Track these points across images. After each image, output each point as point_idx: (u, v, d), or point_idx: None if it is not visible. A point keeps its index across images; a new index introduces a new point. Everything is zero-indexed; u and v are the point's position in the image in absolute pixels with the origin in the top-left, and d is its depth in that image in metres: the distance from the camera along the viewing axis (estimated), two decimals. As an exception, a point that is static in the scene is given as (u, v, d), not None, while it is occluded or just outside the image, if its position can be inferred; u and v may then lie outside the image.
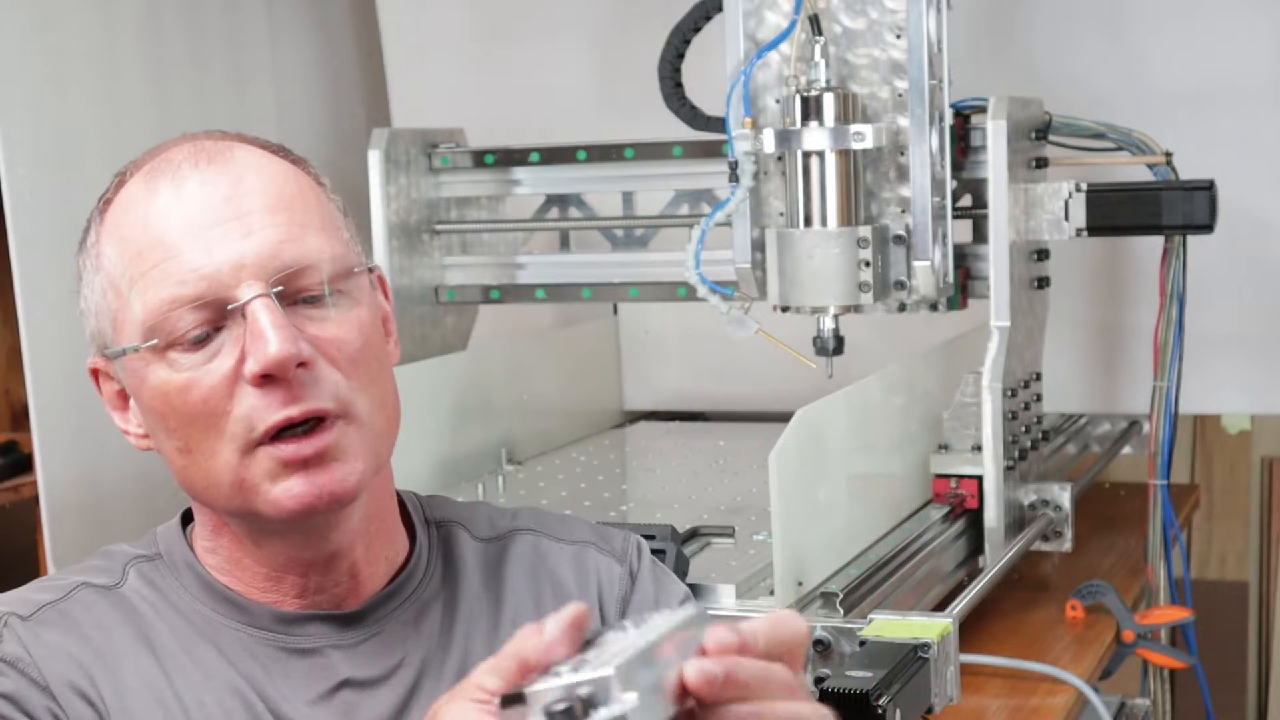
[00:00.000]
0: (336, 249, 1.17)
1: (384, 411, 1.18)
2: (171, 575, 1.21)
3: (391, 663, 1.20)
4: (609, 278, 2.46)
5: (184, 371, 1.12)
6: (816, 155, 1.96)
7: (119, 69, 2.41)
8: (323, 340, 1.13)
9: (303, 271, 1.13)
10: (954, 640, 1.68)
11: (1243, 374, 2.55)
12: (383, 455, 1.18)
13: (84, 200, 2.30)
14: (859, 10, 1.99)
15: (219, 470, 1.13)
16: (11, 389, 3.92)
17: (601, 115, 2.79)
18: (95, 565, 1.23)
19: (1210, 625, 2.77)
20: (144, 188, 1.16)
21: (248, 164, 1.17)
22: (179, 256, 1.12)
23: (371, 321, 1.18)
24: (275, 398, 1.11)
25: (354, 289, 1.17)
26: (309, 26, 2.92)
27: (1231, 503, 3.82)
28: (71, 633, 1.15)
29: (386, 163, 2.42)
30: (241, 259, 1.12)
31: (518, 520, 1.33)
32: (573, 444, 2.64)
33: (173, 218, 1.14)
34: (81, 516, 2.26)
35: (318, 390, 1.12)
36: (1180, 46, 2.50)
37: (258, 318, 1.10)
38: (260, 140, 1.22)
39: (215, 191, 1.14)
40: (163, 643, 1.17)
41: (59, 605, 1.17)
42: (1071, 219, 2.14)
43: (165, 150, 1.19)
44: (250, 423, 1.11)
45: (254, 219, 1.13)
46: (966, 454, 2.10)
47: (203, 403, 1.12)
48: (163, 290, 1.12)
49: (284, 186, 1.17)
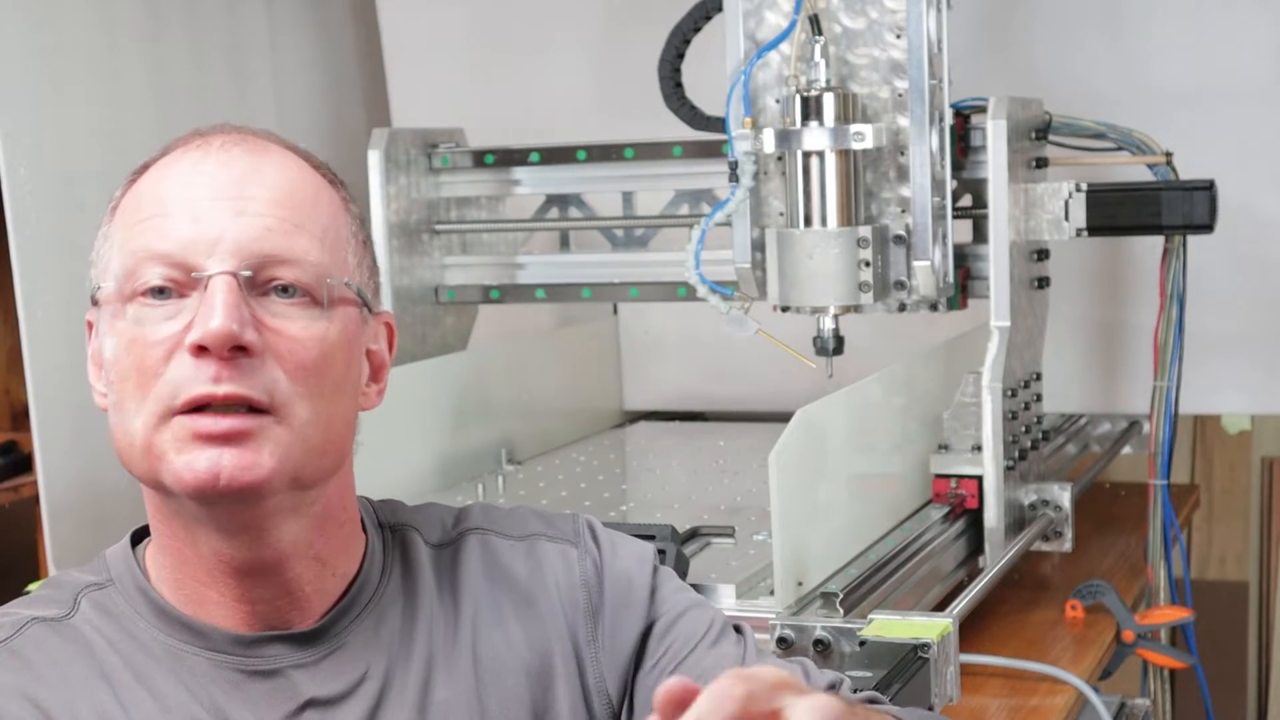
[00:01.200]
0: (324, 260, 1.16)
1: (323, 432, 1.15)
2: (125, 601, 1.19)
3: (354, 677, 1.19)
4: (609, 278, 2.46)
5: (137, 326, 1.12)
6: (816, 155, 1.96)
7: (119, 69, 2.41)
8: (278, 336, 1.12)
9: (279, 264, 1.13)
10: (954, 640, 1.68)
11: (1243, 374, 2.56)
12: (306, 472, 1.14)
13: (84, 200, 2.32)
14: (859, 10, 1.99)
15: (135, 431, 1.12)
16: (11, 389, 3.93)
17: (601, 115, 2.79)
18: (45, 596, 1.20)
19: (1210, 625, 2.77)
20: (174, 159, 1.19)
21: (273, 159, 1.18)
22: (169, 216, 1.14)
23: (339, 343, 1.16)
24: (206, 371, 1.10)
25: (330, 305, 1.16)
26: (309, 26, 2.92)
27: (1231, 503, 3.82)
28: (23, 673, 1.13)
29: (386, 163, 2.42)
30: (222, 234, 1.12)
31: (467, 521, 1.31)
32: (573, 444, 2.64)
33: (180, 184, 1.15)
34: (81, 516, 2.26)
35: (252, 379, 1.10)
36: (1180, 46, 2.50)
37: (214, 292, 1.10)
38: (305, 152, 1.23)
39: (229, 173, 1.15)
40: (118, 675, 1.15)
41: (10, 644, 1.15)
42: (1071, 219, 2.14)
43: (212, 132, 1.20)
44: (174, 389, 1.10)
45: (252, 205, 1.14)
46: (966, 454, 2.10)
47: (140, 358, 1.12)
48: (142, 241, 1.14)
49: (298, 188, 1.17)
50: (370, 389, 1.24)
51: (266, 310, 1.13)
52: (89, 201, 2.32)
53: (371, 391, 1.24)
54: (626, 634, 1.27)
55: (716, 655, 1.24)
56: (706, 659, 1.24)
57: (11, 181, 2.19)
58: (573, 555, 1.29)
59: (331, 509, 1.20)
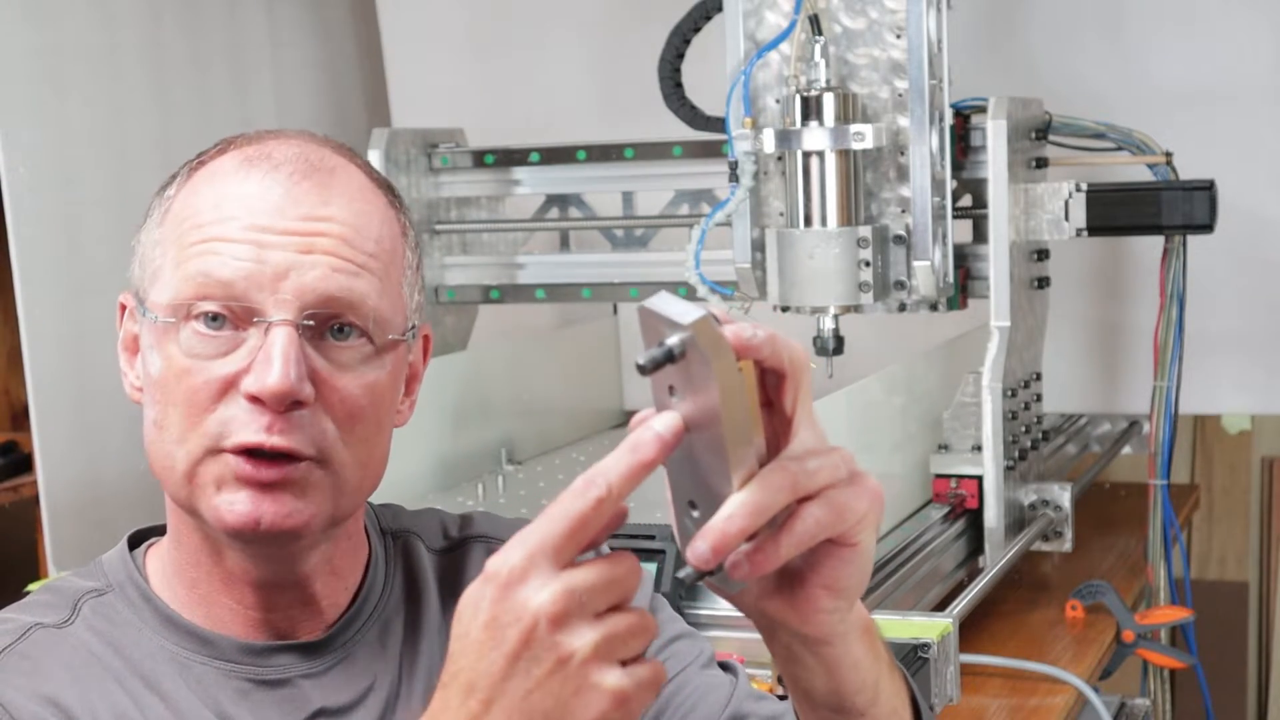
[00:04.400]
0: (384, 307, 1.14)
1: (363, 471, 1.15)
2: (127, 609, 1.18)
3: (362, 687, 1.18)
4: (609, 278, 2.46)
5: (191, 358, 1.11)
6: (816, 155, 1.96)
7: (119, 69, 2.41)
8: (330, 388, 1.11)
9: (341, 308, 1.12)
10: (954, 640, 1.68)
11: (1243, 374, 2.56)
12: (344, 510, 1.15)
13: (84, 200, 2.32)
14: (859, 10, 1.99)
15: (179, 458, 1.11)
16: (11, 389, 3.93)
17: (601, 115, 2.79)
18: (43, 602, 1.18)
19: (1210, 625, 2.77)
20: (236, 167, 1.15)
21: (343, 187, 1.15)
22: (233, 244, 1.11)
23: (388, 387, 1.16)
24: (258, 420, 1.09)
25: (385, 351, 1.15)
26: (309, 26, 2.92)
27: (1231, 503, 3.82)
28: (35, 675, 1.12)
29: (386, 163, 2.42)
30: (287, 272, 1.10)
31: (470, 528, 1.31)
32: (573, 444, 2.64)
33: (246, 208, 1.12)
34: (81, 516, 2.26)
35: (302, 432, 1.10)
36: (1180, 46, 2.50)
37: (274, 343, 1.09)
38: (367, 168, 1.20)
39: (297, 203, 1.12)
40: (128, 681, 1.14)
41: (17, 648, 1.13)
42: (1071, 219, 2.14)
43: (275, 140, 1.17)
44: (224, 429, 1.10)
45: (319, 242, 1.12)
46: (966, 454, 2.10)
47: (193, 393, 1.10)
48: (201, 264, 1.11)
49: (364, 223, 1.15)
50: (403, 405, 1.22)
51: (322, 355, 1.12)
52: (89, 201, 2.32)
53: (404, 407, 1.23)
54: None
55: (707, 678, 1.24)
56: (697, 679, 1.24)
57: (11, 181, 2.19)
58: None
59: (353, 524, 1.20)
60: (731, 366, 0.84)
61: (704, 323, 0.83)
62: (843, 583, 0.91)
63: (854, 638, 0.96)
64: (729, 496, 0.85)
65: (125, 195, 2.39)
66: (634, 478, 0.88)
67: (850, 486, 0.89)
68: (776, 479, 0.86)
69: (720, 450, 0.85)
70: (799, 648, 0.96)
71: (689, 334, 0.83)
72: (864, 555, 0.91)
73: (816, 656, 0.96)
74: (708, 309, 0.84)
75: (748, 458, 0.85)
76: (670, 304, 0.85)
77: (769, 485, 0.86)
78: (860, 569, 0.92)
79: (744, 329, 0.86)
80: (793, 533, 0.87)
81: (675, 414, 0.87)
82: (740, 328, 0.86)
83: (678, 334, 0.83)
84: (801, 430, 0.88)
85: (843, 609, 0.93)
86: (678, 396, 0.86)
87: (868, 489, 0.90)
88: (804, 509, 0.87)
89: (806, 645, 0.95)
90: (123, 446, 2.30)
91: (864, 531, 0.90)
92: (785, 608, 0.93)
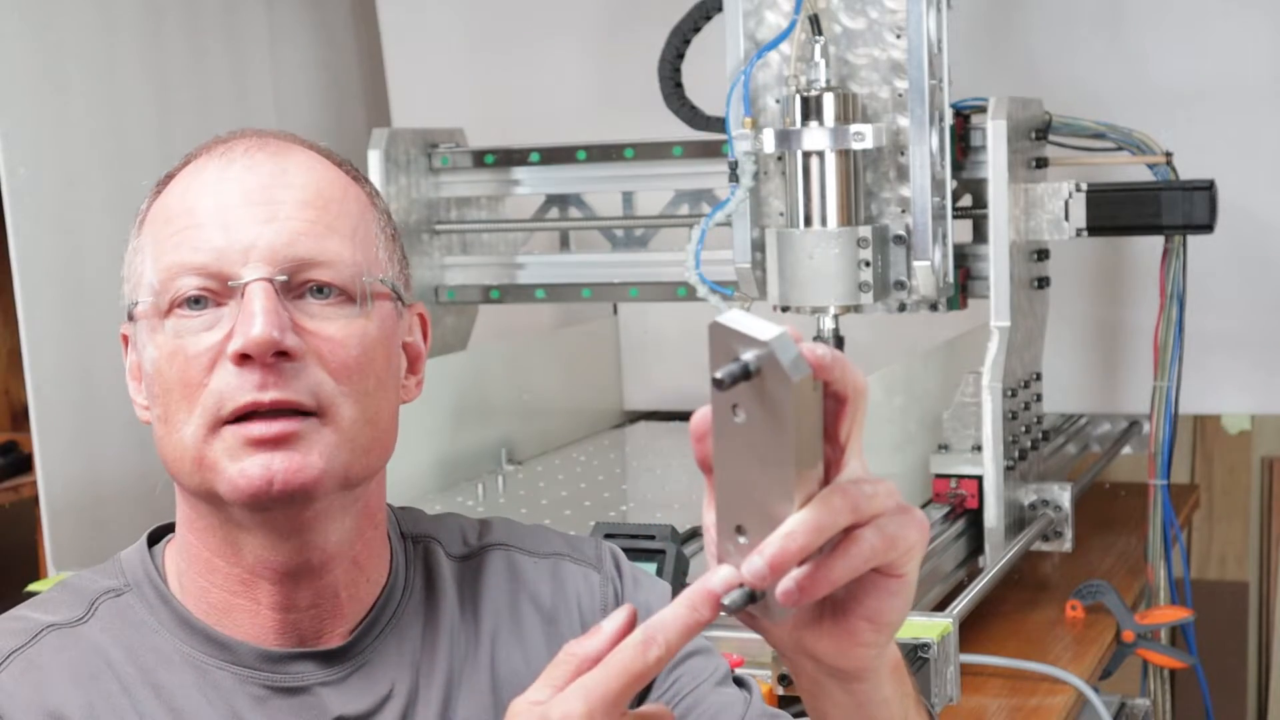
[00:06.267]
0: (358, 258, 1.16)
1: (370, 429, 1.15)
2: (145, 610, 1.18)
3: (381, 694, 1.18)
4: (609, 278, 2.46)
5: (178, 339, 1.12)
6: (816, 155, 1.96)
7: (119, 69, 2.41)
8: (318, 338, 1.12)
9: (314, 267, 1.13)
10: (954, 640, 1.68)
11: (1243, 374, 2.56)
12: (354, 470, 1.14)
13: (84, 200, 2.32)
14: (859, 10, 1.99)
15: (185, 443, 1.12)
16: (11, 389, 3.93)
17: (601, 115, 2.79)
18: (58, 599, 1.19)
19: (1210, 625, 2.77)
20: (198, 167, 1.18)
21: (297, 161, 1.18)
22: (200, 227, 1.13)
23: (379, 339, 1.16)
24: (250, 380, 1.10)
25: (366, 303, 1.16)
26: (309, 26, 2.92)
27: (1231, 503, 3.82)
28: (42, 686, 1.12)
29: (386, 163, 2.42)
30: (255, 241, 1.12)
31: (489, 535, 1.31)
32: (573, 444, 2.64)
33: (208, 193, 1.15)
34: (81, 516, 2.26)
35: (296, 383, 1.10)
36: (1180, 46, 2.50)
37: (251, 299, 1.10)
38: (327, 150, 1.23)
39: (255, 178, 1.15)
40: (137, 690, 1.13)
41: (26, 653, 1.13)
42: (1071, 219, 2.14)
43: (233, 138, 1.20)
44: (220, 399, 1.10)
45: (282, 209, 1.14)
46: (966, 454, 2.10)
47: (183, 370, 1.11)
48: (176, 255, 1.13)
49: (325, 188, 1.17)
50: (409, 381, 1.23)
51: (304, 313, 1.13)
52: (89, 201, 2.32)
53: (410, 384, 1.24)
54: None
55: (720, 697, 1.24)
56: (712, 695, 1.24)
57: (11, 181, 2.19)
58: (595, 579, 1.29)
59: (370, 510, 1.20)
60: (808, 384, 0.83)
61: (785, 339, 0.83)
62: (886, 616, 0.91)
63: (885, 674, 0.96)
64: (789, 516, 0.84)
65: (125, 195, 2.38)
66: (689, 635, 0.89)
67: (901, 515, 0.89)
68: (837, 501, 0.86)
69: (784, 469, 0.84)
70: (829, 682, 0.96)
71: (768, 350, 0.82)
72: (909, 588, 0.91)
73: (847, 692, 0.96)
74: (786, 326, 0.84)
75: (811, 479, 0.85)
76: (746, 320, 0.85)
77: (830, 507, 0.86)
78: (904, 602, 0.91)
79: (817, 348, 0.86)
80: (847, 556, 0.86)
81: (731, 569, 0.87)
82: (814, 347, 0.86)
83: (754, 350, 0.83)
84: (852, 460, 0.89)
85: (881, 643, 0.93)
86: (743, 414, 0.85)
87: (916, 520, 0.90)
88: (859, 534, 0.87)
89: (838, 679, 0.95)
90: (123, 446, 2.30)
91: (911, 562, 0.90)
92: (825, 639, 0.92)
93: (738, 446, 0.86)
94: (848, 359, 0.88)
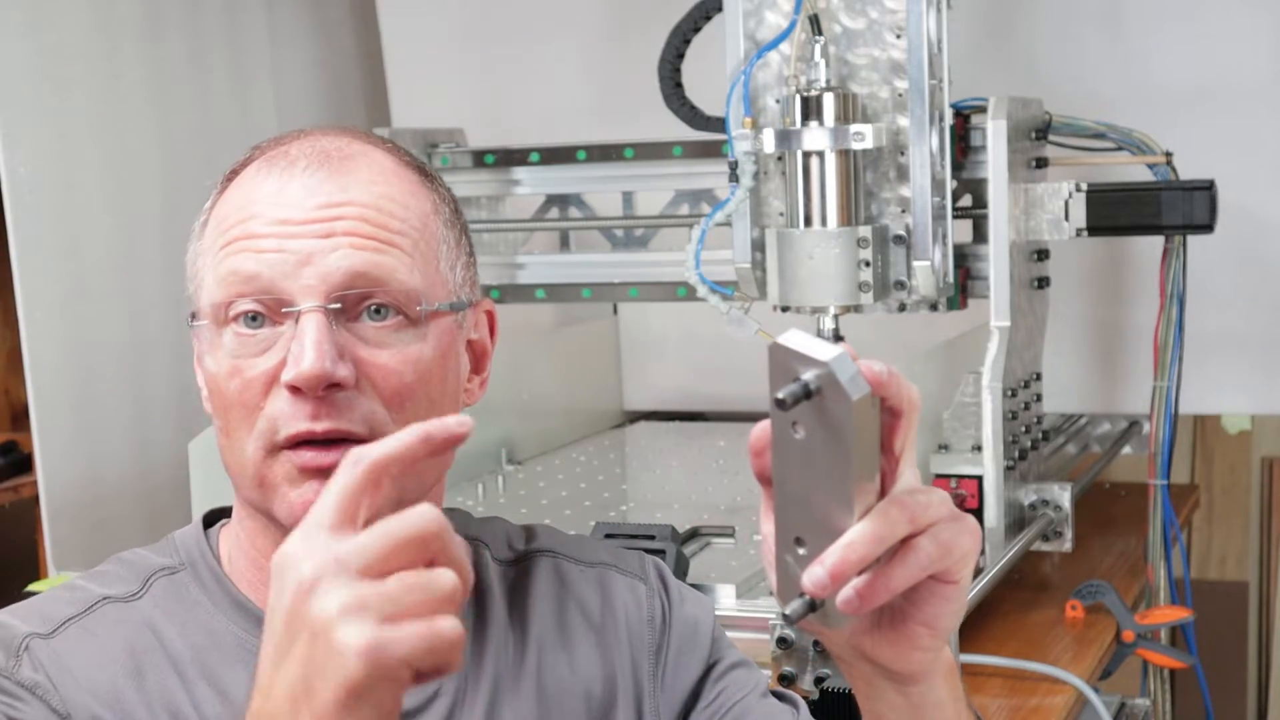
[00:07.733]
0: (417, 280, 1.15)
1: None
2: (198, 589, 1.19)
3: (428, 692, 1.18)
4: (609, 278, 2.46)
5: (235, 359, 1.13)
6: (816, 155, 1.96)
7: (119, 69, 2.41)
8: (370, 366, 1.12)
9: (370, 288, 1.13)
10: (954, 640, 1.68)
11: (1243, 374, 2.56)
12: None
13: (84, 200, 2.32)
14: (859, 10, 1.99)
15: (246, 461, 1.13)
16: (11, 389, 3.93)
17: (601, 115, 2.79)
18: (115, 574, 1.19)
19: (1210, 625, 2.77)
20: (258, 169, 1.17)
21: (360, 173, 1.16)
22: (258, 240, 1.13)
23: (435, 359, 1.16)
24: (303, 409, 1.10)
25: (423, 324, 1.15)
26: (309, 26, 2.92)
27: (1231, 503, 3.82)
28: (95, 654, 1.13)
29: (386, 163, 2.42)
30: (309, 259, 1.12)
31: (536, 541, 1.31)
32: (573, 444, 2.64)
33: (267, 205, 1.14)
34: (81, 516, 2.25)
35: (349, 412, 1.11)
36: (1180, 46, 2.50)
37: (304, 330, 1.10)
38: (392, 147, 1.21)
39: (313, 193, 1.14)
40: (186, 665, 1.14)
41: (82, 621, 1.15)
42: (1071, 219, 2.14)
43: (296, 138, 1.19)
44: (275, 424, 1.11)
45: (339, 225, 1.13)
46: (966, 454, 2.10)
47: (239, 393, 1.12)
48: (231, 265, 1.13)
49: (385, 202, 1.16)
50: (472, 383, 1.23)
51: (359, 337, 1.12)
52: (89, 201, 2.32)
53: (474, 385, 1.23)
54: (687, 676, 1.27)
55: (766, 705, 1.26)
56: (757, 708, 1.25)
57: (11, 181, 2.19)
58: (641, 591, 1.29)
59: None
60: (867, 401, 0.86)
61: (844, 359, 0.85)
62: (941, 620, 0.93)
63: (940, 678, 0.99)
64: (848, 528, 0.87)
65: (125, 195, 2.39)
66: (395, 456, 0.89)
67: (954, 523, 0.91)
68: (895, 512, 0.88)
69: (843, 484, 0.86)
70: (886, 685, 0.98)
71: (828, 370, 0.85)
72: (962, 593, 0.94)
73: (903, 695, 0.98)
74: (843, 345, 0.86)
75: (869, 493, 0.87)
76: (804, 341, 0.87)
77: (888, 518, 0.87)
78: (959, 606, 0.94)
79: (874, 364, 0.88)
80: (905, 564, 0.88)
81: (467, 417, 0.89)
82: (871, 363, 0.88)
83: (814, 370, 0.85)
84: (906, 471, 0.91)
85: (937, 647, 0.95)
86: (803, 431, 0.87)
87: (969, 527, 0.92)
88: (916, 542, 0.89)
89: (894, 682, 0.98)
90: (123, 446, 2.30)
91: (965, 568, 0.92)
92: (883, 644, 0.95)
93: (797, 461, 0.88)
94: (900, 374, 0.90)
